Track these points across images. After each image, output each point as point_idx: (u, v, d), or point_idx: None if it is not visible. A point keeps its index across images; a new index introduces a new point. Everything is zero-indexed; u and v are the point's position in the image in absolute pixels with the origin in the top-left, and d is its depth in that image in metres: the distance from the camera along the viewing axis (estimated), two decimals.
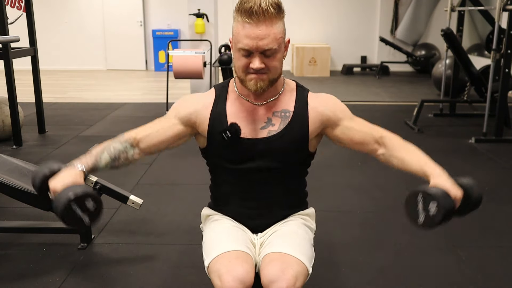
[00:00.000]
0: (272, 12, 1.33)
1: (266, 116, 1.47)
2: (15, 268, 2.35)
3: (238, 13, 1.36)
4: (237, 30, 1.37)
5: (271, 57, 1.37)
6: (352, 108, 1.59)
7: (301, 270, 1.40)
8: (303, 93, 1.53)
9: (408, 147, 1.47)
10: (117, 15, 10.55)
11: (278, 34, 1.35)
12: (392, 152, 1.47)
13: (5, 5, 4.33)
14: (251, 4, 1.32)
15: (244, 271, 1.37)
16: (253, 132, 1.47)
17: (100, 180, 2.52)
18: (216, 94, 1.51)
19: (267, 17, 1.33)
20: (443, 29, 5.20)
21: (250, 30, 1.33)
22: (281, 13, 1.37)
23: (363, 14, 10.48)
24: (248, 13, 1.32)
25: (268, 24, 1.33)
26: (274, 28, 1.35)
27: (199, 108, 1.49)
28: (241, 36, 1.35)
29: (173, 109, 1.52)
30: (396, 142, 1.48)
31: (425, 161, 1.40)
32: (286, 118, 1.47)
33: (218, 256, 1.42)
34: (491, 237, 2.71)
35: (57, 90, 7.97)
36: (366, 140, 1.51)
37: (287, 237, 1.49)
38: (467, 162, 4.08)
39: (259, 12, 1.31)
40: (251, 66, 1.37)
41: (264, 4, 1.32)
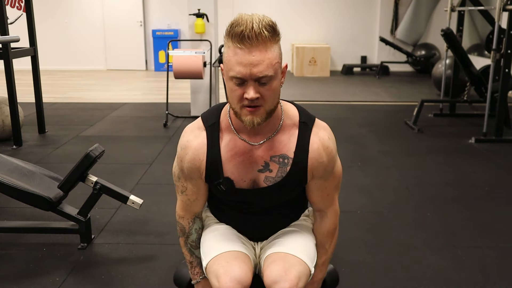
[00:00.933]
0: (266, 36, 1.20)
1: (263, 160, 1.37)
2: (15, 268, 2.35)
3: (229, 37, 1.23)
4: (228, 56, 1.24)
5: (266, 85, 1.24)
6: (352, 108, 1.59)
7: (304, 270, 1.40)
8: (305, 133, 1.38)
9: (327, 241, 1.53)
10: (117, 15, 10.56)
11: (273, 59, 1.23)
12: (317, 232, 1.54)
13: (5, 5, 4.33)
14: (242, 27, 1.20)
15: (242, 271, 1.37)
16: (250, 178, 1.39)
17: (100, 180, 2.52)
18: (207, 135, 1.38)
19: (261, 41, 1.20)
20: (443, 29, 5.21)
21: (242, 57, 1.21)
22: (276, 35, 1.24)
23: (363, 14, 10.48)
24: (240, 37, 1.20)
25: (262, 49, 1.21)
26: (269, 53, 1.22)
27: (198, 163, 1.40)
28: (233, 63, 1.22)
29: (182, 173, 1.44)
30: (327, 229, 1.52)
31: (322, 263, 1.54)
32: (285, 165, 1.37)
33: (216, 257, 1.42)
34: (491, 237, 2.71)
35: (57, 90, 7.97)
36: (315, 204, 1.51)
37: (289, 238, 1.49)
38: (467, 162, 4.08)
39: (251, 36, 1.19)
40: (245, 96, 1.23)
41: (257, 27, 1.20)
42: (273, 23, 1.24)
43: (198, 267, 1.55)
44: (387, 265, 2.40)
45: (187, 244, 1.55)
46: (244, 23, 1.21)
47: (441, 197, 3.30)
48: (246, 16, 1.23)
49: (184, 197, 1.49)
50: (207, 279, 1.51)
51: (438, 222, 2.89)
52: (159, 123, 5.39)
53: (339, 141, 1.49)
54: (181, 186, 1.48)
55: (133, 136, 4.92)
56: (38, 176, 2.60)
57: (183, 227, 1.54)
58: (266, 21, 1.22)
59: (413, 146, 4.56)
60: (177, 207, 1.54)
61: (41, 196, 2.37)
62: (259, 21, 1.21)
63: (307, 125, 1.38)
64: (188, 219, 1.53)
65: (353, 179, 3.56)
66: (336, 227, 1.53)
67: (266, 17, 1.24)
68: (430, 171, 3.84)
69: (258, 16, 1.23)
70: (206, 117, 1.42)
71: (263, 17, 1.23)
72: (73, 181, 2.46)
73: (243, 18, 1.22)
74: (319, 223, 1.52)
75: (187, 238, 1.54)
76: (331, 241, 1.53)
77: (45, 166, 3.20)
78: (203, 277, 1.54)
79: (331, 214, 1.51)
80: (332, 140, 1.41)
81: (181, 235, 1.55)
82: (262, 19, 1.22)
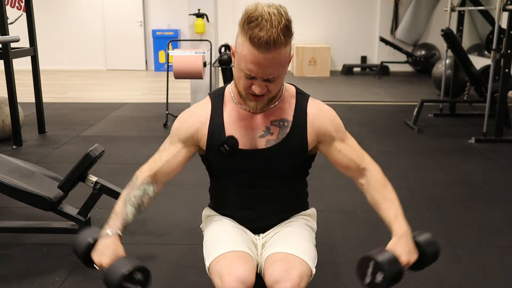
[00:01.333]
0: (282, 40, 1.24)
1: (264, 125, 1.44)
2: (15, 268, 2.35)
3: (245, 35, 1.25)
4: (242, 50, 1.27)
5: (274, 81, 1.32)
6: (352, 108, 1.60)
7: (305, 271, 1.40)
8: (303, 101, 1.47)
9: (385, 192, 1.46)
10: (117, 15, 10.56)
11: (284, 59, 1.29)
12: (370, 190, 1.48)
13: (5, 5, 4.33)
14: (262, 34, 1.21)
15: (245, 271, 1.37)
16: (251, 141, 1.44)
17: (100, 180, 2.52)
18: (212, 104, 1.47)
19: (277, 46, 1.24)
20: (443, 29, 5.21)
21: (256, 57, 1.25)
22: (291, 36, 1.28)
23: (363, 14, 10.48)
24: (258, 43, 1.22)
25: (276, 53, 1.25)
26: (282, 54, 1.27)
27: (199, 126, 1.45)
28: (246, 60, 1.27)
29: (175, 132, 1.48)
30: (377, 181, 1.47)
31: (395, 215, 1.40)
32: (285, 127, 1.44)
33: (219, 257, 1.42)
34: (491, 237, 2.71)
35: (57, 90, 7.97)
36: (350, 167, 1.50)
37: (291, 238, 1.49)
38: (467, 162, 4.08)
39: (269, 43, 1.22)
40: (253, 89, 1.32)
41: (276, 34, 1.22)
42: (289, 23, 1.26)
43: (119, 222, 1.38)
44: None
45: (128, 195, 1.43)
46: (264, 25, 1.21)
47: (441, 197, 3.30)
48: (264, 11, 1.22)
49: (157, 156, 1.49)
50: (116, 237, 1.34)
51: (438, 222, 2.89)
52: (159, 123, 5.39)
53: None
54: (162, 146, 1.51)
55: (133, 136, 4.92)
56: (38, 176, 2.60)
57: (136, 179, 1.47)
58: (284, 22, 1.23)
59: (413, 146, 4.56)
60: (145, 164, 1.51)
61: (41, 196, 2.37)
62: (277, 23, 1.22)
63: (303, 95, 1.49)
64: (145, 176, 1.47)
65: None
66: (384, 177, 1.47)
67: (283, 12, 1.25)
68: (430, 171, 3.84)
69: (276, 14, 1.23)
70: (212, 93, 1.52)
71: (281, 15, 1.24)
72: (73, 181, 2.46)
73: (262, 16, 1.22)
74: (367, 184, 1.48)
75: (131, 190, 1.44)
76: (390, 191, 1.45)
77: (45, 166, 3.20)
78: (116, 233, 1.35)
79: (371, 167, 1.49)
80: (329, 108, 1.50)
81: (128, 186, 1.46)
82: (280, 19, 1.23)
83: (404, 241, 1.35)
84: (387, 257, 1.30)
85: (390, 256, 1.31)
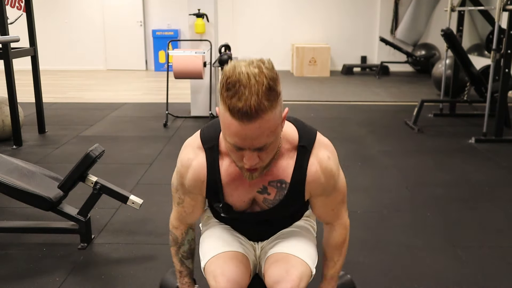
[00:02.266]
0: (266, 106, 1.08)
1: (261, 184, 1.34)
2: (15, 268, 2.35)
3: (225, 105, 1.10)
4: (224, 120, 1.12)
5: (266, 150, 1.17)
6: (352, 108, 1.59)
7: (305, 271, 1.40)
8: (304, 158, 1.32)
9: (335, 253, 1.50)
10: (117, 15, 10.55)
11: (273, 126, 1.13)
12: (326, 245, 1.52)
13: (5, 5, 4.33)
14: (241, 104, 1.06)
15: (239, 271, 1.37)
16: (248, 198, 1.38)
17: (100, 180, 2.52)
18: (207, 157, 1.33)
19: (261, 113, 1.08)
20: (443, 29, 5.21)
21: (240, 130, 1.10)
22: (277, 97, 1.11)
23: (363, 14, 10.48)
24: (238, 114, 1.08)
25: (262, 120, 1.09)
26: (269, 120, 1.10)
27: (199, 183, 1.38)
28: (230, 133, 1.13)
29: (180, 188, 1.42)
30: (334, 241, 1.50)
31: (332, 276, 1.52)
32: (282, 189, 1.34)
33: (214, 257, 1.42)
34: (491, 237, 2.71)
35: (57, 90, 7.97)
36: (321, 219, 1.50)
37: (291, 238, 1.50)
38: (467, 162, 4.08)
39: (250, 113, 1.07)
40: (244, 161, 1.18)
41: (257, 102, 1.06)
42: (274, 82, 1.10)
43: (188, 277, 1.56)
44: (387, 265, 2.40)
45: (178, 254, 1.55)
46: (242, 93, 1.07)
47: (441, 197, 3.30)
48: (242, 74, 1.08)
49: (180, 209, 1.48)
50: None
51: (438, 222, 2.89)
52: (159, 123, 5.39)
53: (339, 141, 1.49)
54: (178, 198, 1.47)
55: (133, 136, 4.92)
56: (38, 176, 2.60)
57: (176, 237, 1.54)
58: (266, 83, 1.08)
59: (413, 146, 4.56)
60: (172, 217, 1.54)
61: (41, 196, 2.37)
62: (258, 87, 1.07)
63: (306, 148, 1.32)
64: (182, 230, 1.53)
65: (353, 179, 3.56)
66: (345, 240, 1.49)
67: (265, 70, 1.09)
68: (430, 171, 3.84)
69: (256, 74, 1.08)
70: (205, 137, 1.35)
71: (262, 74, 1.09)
72: (73, 181, 2.46)
73: (239, 81, 1.07)
74: (328, 236, 1.50)
75: (179, 248, 1.54)
76: (339, 254, 1.50)
77: (45, 166, 3.20)
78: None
79: (339, 227, 1.48)
80: (332, 158, 1.35)
81: (173, 245, 1.55)
82: (262, 80, 1.08)
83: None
84: None
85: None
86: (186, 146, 1.39)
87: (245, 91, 1.07)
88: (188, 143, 1.39)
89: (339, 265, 1.51)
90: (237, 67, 1.09)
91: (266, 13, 10.49)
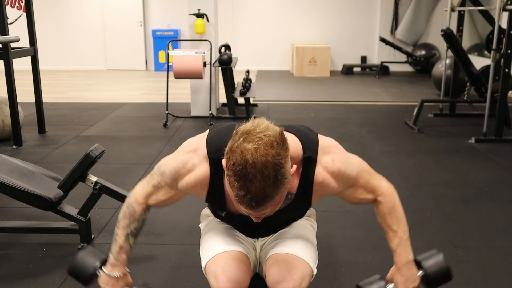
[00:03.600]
0: (272, 195, 1.13)
1: None
2: (15, 268, 2.35)
3: (232, 187, 1.14)
4: (231, 195, 1.17)
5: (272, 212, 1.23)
6: (352, 108, 1.59)
7: (307, 271, 1.40)
8: (309, 169, 1.33)
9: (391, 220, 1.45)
10: (117, 15, 10.56)
11: (281, 200, 1.18)
12: (379, 218, 1.48)
13: (5, 5, 4.33)
14: (248, 198, 1.12)
15: (240, 271, 1.38)
16: None
17: (100, 180, 2.52)
18: (211, 169, 1.33)
19: (268, 201, 1.13)
20: (443, 29, 5.21)
21: (248, 211, 1.17)
22: (284, 182, 1.14)
23: (363, 14, 10.49)
24: (244, 203, 1.14)
25: (268, 204, 1.15)
26: (277, 200, 1.16)
27: (198, 190, 1.39)
28: (236, 205, 1.19)
29: (173, 181, 1.39)
30: (384, 210, 1.45)
31: (397, 245, 1.44)
32: (288, 199, 1.35)
33: (215, 257, 1.42)
34: (491, 237, 2.71)
35: (57, 90, 7.97)
36: (362, 204, 1.49)
37: (292, 238, 1.50)
38: (467, 162, 4.08)
39: (257, 204, 1.13)
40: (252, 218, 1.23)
41: (263, 194, 1.11)
42: (279, 169, 1.11)
43: (125, 255, 1.46)
44: (387, 265, 2.39)
45: (127, 229, 1.45)
46: (248, 190, 1.10)
47: (441, 197, 3.30)
48: (249, 165, 1.09)
49: (154, 191, 1.43)
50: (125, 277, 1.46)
51: (438, 222, 2.89)
52: (159, 123, 5.39)
53: (339, 141, 1.48)
54: (157, 182, 1.42)
55: (133, 136, 4.92)
56: (38, 176, 2.60)
57: (134, 212, 1.45)
58: (273, 175, 1.10)
59: (413, 146, 4.56)
60: (138, 192, 1.46)
61: (41, 196, 2.37)
62: (264, 180, 1.10)
63: (311, 158, 1.33)
64: (143, 207, 1.46)
65: None
66: (394, 205, 1.44)
67: (271, 158, 1.10)
68: (430, 171, 3.84)
69: (263, 167, 1.09)
70: (211, 146, 1.34)
71: (270, 164, 1.10)
72: (73, 181, 2.46)
73: (245, 175, 1.10)
74: (377, 211, 1.46)
75: (131, 223, 1.46)
76: (395, 221, 1.43)
77: (45, 166, 3.20)
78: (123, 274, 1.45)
79: (382, 198, 1.44)
80: (337, 158, 1.35)
81: (127, 218, 1.46)
82: (269, 174, 1.10)
83: (403, 271, 1.42)
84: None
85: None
86: (191, 148, 1.37)
87: (251, 187, 1.10)
88: (193, 147, 1.37)
89: (401, 231, 1.43)
90: (244, 153, 1.10)
91: (266, 13, 10.49)
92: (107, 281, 1.43)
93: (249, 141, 1.11)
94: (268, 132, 1.12)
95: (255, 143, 1.10)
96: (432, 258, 1.45)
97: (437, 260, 1.44)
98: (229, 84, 5.61)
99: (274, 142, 1.11)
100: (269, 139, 1.11)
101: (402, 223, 1.45)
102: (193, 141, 1.39)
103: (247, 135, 1.12)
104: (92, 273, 1.45)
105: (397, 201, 1.46)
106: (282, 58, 10.64)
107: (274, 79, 9.17)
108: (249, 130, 1.13)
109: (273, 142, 1.11)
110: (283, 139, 1.14)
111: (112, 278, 1.43)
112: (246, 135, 1.12)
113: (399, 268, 1.43)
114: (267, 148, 1.10)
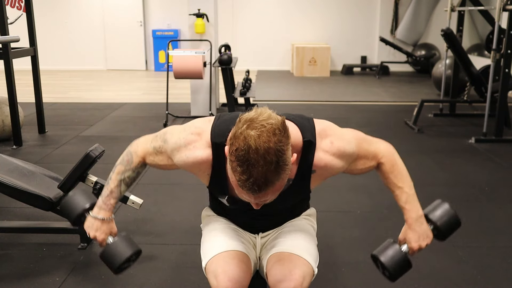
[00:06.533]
0: (274, 180, 1.15)
1: None
2: (15, 268, 2.35)
3: (234, 173, 1.16)
4: (233, 180, 1.19)
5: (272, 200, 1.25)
6: (352, 108, 1.59)
7: (308, 270, 1.41)
8: (308, 154, 1.35)
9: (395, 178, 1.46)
10: (117, 15, 10.55)
11: (281, 186, 1.20)
12: (383, 179, 1.49)
13: (5, 5, 4.33)
14: (250, 182, 1.14)
15: (240, 270, 1.38)
16: None
17: (100, 180, 2.52)
18: (213, 155, 1.35)
19: (269, 186, 1.16)
20: (443, 29, 5.21)
21: (248, 196, 1.19)
22: (285, 168, 1.17)
23: (363, 14, 10.49)
24: (247, 187, 1.15)
25: (270, 190, 1.17)
26: (278, 186, 1.18)
27: (199, 172, 1.40)
28: (238, 191, 1.21)
29: (175, 155, 1.40)
30: (387, 170, 1.46)
31: (405, 202, 1.45)
32: (286, 184, 1.36)
33: (215, 257, 1.42)
34: (491, 237, 2.71)
35: (57, 90, 7.97)
36: (367, 172, 1.49)
37: (293, 237, 1.50)
38: (467, 162, 4.08)
39: (259, 189, 1.15)
40: (252, 205, 1.26)
41: (264, 179, 1.13)
42: (281, 155, 1.14)
43: (114, 200, 1.47)
44: None
45: (122, 175, 1.47)
46: (250, 174, 1.13)
47: (441, 197, 3.27)
48: (252, 151, 1.11)
49: (153, 151, 1.45)
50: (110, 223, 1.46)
51: None
52: (159, 123, 5.39)
53: None
54: (159, 147, 1.44)
55: (133, 136, 4.86)
56: (38, 176, 2.60)
57: (131, 161, 1.47)
58: (275, 160, 1.13)
59: (413, 146, 4.56)
60: (140, 145, 1.48)
61: (41, 196, 2.37)
62: (266, 170, 1.12)
63: (311, 141, 1.34)
64: (141, 161, 1.48)
65: (353, 179, 3.56)
66: (395, 163, 1.45)
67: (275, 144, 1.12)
68: (430, 171, 3.84)
69: (265, 152, 1.11)
70: (214, 132, 1.35)
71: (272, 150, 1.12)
72: (73, 181, 2.46)
73: (248, 160, 1.12)
74: (380, 174, 1.48)
75: (126, 171, 1.47)
76: (399, 177, 1.45)
77: (45, 166, 3.20)
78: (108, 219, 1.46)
79: (383, 160, 1.45)
80: (335, 140, 1.37)
81: (124, 165, 1.48)
82: (271, 159, 1.12)
83: (415, 227, 1.43)
84: (390, 256, 1.39)
85: (393, 254, 1.39)
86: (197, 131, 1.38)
87: (254, 172, 1.12)
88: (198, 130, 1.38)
89: (407, 187, 1.45)
90: (247, 139, 1.12)
91: (266, 13, 10.49)
92: (92, 223, 1.45)
93: (252, 128, 1.13)
94: (270, 120, 1.15)
95: (258, 130, 1.13)
96: (439, 209, 1.47)
97: (444, 210, 1.47)
98: (229, 84, 5.61)
99: (276, 129, 1.14)
100: (271, 126, 1.14)
101: (406, 179, 1.46)
102: (200, 123, 1.41)
103: (251, 122, 1.15)
104: (80, 213, 1.46)
105: (398, 158, 1.48)
106: (282, 58, 10.64)
107: (274, 79, 9.17)
108: (252, 118, 1.16)
109: (275, 129, 1.14)
110: (285, 127, 1.17)
111: (97, 220, 1.44)
112: (249, 123, 1.15)
113: (410, 225, 1.44)
114: (270, 135, 1.13)
